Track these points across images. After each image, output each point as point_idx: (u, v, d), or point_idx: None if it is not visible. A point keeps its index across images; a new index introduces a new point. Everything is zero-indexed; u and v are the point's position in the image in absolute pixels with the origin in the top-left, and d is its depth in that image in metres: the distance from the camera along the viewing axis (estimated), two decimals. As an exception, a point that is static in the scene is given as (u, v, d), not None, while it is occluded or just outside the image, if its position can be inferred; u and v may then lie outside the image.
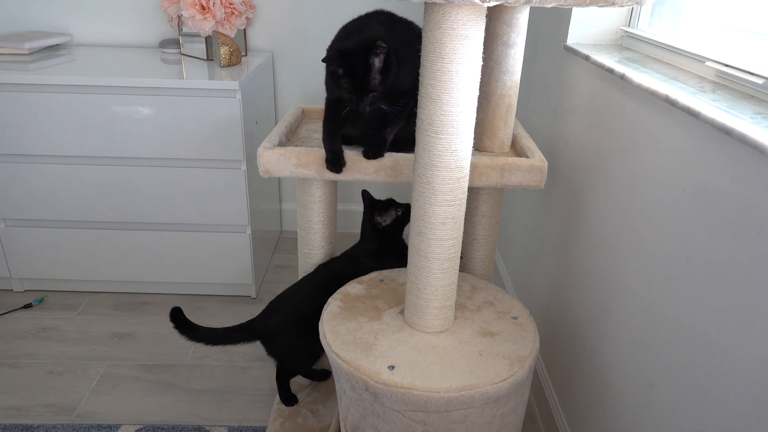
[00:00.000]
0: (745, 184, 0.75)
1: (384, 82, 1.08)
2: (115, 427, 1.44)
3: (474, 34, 0.87)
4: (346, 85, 1.08)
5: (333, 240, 1.39)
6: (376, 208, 1.40)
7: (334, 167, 1.19)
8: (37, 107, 1.69)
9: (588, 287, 1.25)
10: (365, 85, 1.07)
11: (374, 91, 1.07)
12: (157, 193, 1.81)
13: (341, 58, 1.06)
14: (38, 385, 1.58)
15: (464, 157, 0.95)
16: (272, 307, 1.37)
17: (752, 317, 0.73)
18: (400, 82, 1.12)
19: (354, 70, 1.06)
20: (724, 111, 0.81)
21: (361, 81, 1.06)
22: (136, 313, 1.90)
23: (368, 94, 1.07)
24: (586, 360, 1.25)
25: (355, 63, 1.06)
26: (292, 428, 1.37)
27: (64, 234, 1.87)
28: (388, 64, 1.07)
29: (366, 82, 1.06)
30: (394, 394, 0.94)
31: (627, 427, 1.05)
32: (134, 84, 1.67)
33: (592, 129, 1.27)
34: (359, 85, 1.07)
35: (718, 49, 1.03)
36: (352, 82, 1.07)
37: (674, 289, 0.91)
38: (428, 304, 1.05)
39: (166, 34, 2.12)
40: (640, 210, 1.03)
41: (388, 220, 1.38)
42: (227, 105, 1.70)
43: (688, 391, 0.86)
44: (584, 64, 1.32)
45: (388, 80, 1.08)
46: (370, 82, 1.06)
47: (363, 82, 1.06)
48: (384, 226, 1.39)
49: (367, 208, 1.41)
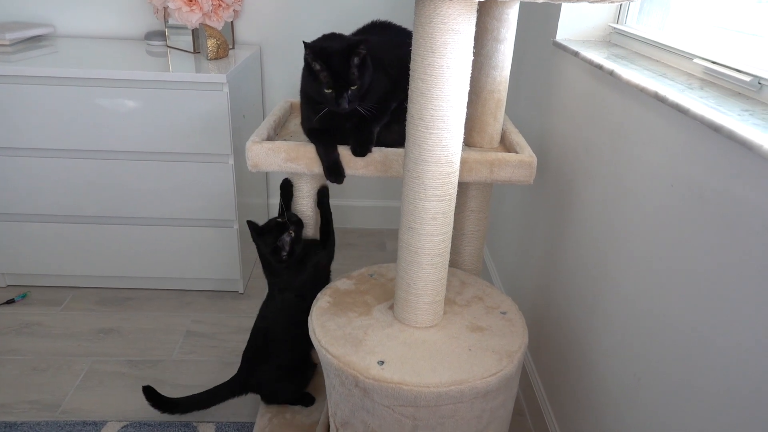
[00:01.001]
0: (732, 181, 0.75)
1: (362, 79, 1.09)
2: (101, 424, 1.43)
3: (465, 29, 0.87)
4: (325, 79, 1.08)
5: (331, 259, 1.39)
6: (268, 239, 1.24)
7: (336, 178, 1.19)
8: (19, 100, 1.66)
9: (576, 282, 1.26)
10: (345, 79, 1.08)
11: (354, 85, 1.08)
12: (143, 187, 1.78)
13: (322, 51, 1.08)
14: (22, 381, 1.56)
15: (454, 152, 0.95)
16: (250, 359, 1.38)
17: (738, 312, 0.74)
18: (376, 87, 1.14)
19: (333, 65, 1.07)
20: (712, 108, 0.82)
21: (341, 75, 1.07)
22: (121, 308, 1.88)
23: (348, 89, 1.08)
24: (574, 354, 1.26)
25: (335, 59, 1.07)
26: (280, 424, 1.36)
27: (47, 228, 1.84)
28: (365, 64, 1.09)
29: (346, 77, 1.08)
30: (383, 390, 0.94)
31: (613, 419, 1.06)
32: (119, 76, 1.65)
33: (580, 125, 1.27)
34: (339, 79, 1.08)
35: (706, 46, 1.04)
36: (332, 77, 1.08)
37: (661, 284, 0.92)
38: (418, 300, 1.05)
39: (152, 26, 2.09)
40: (628, 206, 1.04)
41: (287, 247, 1.23)
42: (214, 98, 1.68)
43: (675, 385, 0.87)
44: (573, 60, 1.33)
45: (365, 80, 1.10)
46: (350, 77, 1.08)
47: (344, 76, 1.07)
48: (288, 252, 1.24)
49: (260, 241, 1.25)
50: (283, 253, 1.23)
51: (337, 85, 1.08)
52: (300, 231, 1.27)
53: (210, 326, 1.82)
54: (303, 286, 1.28)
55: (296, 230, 1.25)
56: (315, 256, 1.29)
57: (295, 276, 1.28)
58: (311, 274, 1.29)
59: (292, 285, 1.29)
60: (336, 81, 1.08)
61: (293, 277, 1.28)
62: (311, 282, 1.27)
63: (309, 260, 1.28)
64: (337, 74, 1.08)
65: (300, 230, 1.27)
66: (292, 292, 1.29)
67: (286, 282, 1.29)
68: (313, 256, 1.29)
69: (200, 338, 1.76)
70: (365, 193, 2.45)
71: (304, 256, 1.27)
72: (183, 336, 1.77)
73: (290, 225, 1.24)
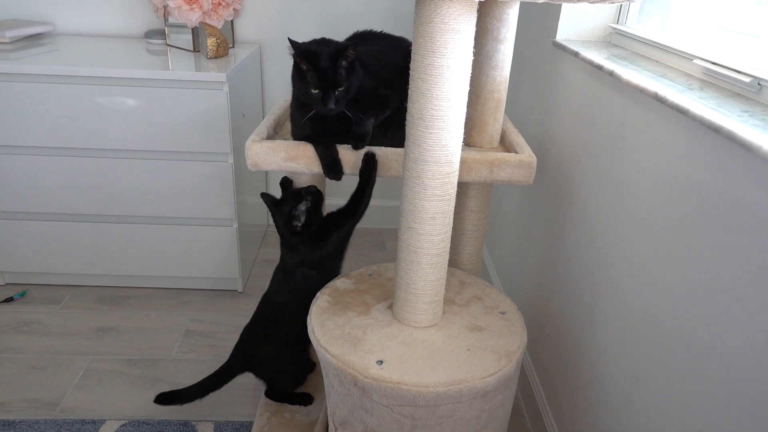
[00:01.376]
0: (732, 182, 0.76)
1: (349, 81, 1.10)
2: (100, 422, 1.43)
3: (465, 29, 0.87)
4: (312, 80, 1.09)
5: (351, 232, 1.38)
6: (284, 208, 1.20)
7: (335, 175, 1.18)
8: (19, 97, 1.66)
9: (575, 283, 1.26)
10: (333, 80, 1.09)
11: (341, 86, 1.09)
12: (142, 186, 1.78)
13: (308, 51, 1.09)
14: (20, 379, 1.56)
15: (454, 152, 0.95)
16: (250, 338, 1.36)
17: (737, 313, 0.74)
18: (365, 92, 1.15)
19: (320, 65, 1.08)
20: (712, 109, 0.82)
21: (328, 76, 1.08)
22: (120, 307, 1.88)
23: (335, 90, 1.09)
24: (572, 354, 1.26)
25: (323, 59, 1.08)
26: (279, 423, 1.36)
27: (46, 227, 1.84)
28: (353, 68, 1.10)
29: (334, 78, 1.08)
30: (382, 389, 0.94)
31: (612, 420, 1.06)
32: (119, 75, 1.65)
33: (580, 125, 1.27)
34: (326, 79, 1.08)
35: (706, 47, 1.04)
36: (319, 77, 1.08)
37: (660, 284, 0.92)
38: (417, 299, 1.05)
39: (152, 25, 2.09)
40: (627, 206, 1.04)
41: (303, 216, 1.18)
42: (214, 97, 1.68)
43: (673, 386, 0.87)
44: (573, 61, 1.33)
45: (352, 83, 1.11)
46: (337, 78, 1.09)
47: (331, 76, 1.08)
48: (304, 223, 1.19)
49: (276, 212, 1.22)
50: (296, 223, 1.17)
51: (323, 85, 1.09)
52: (319, 202, 1.21)
53: (209, 325, 1.82)
54: (322, 262, 1.24)
55: (314, 200, 1.19)
56: (338, 228, 1.22)
57: (312, 250, 1.22)
58: (333, 247, 1.23)
59: (308, 260, 1.24)
60: (323, 81, 1.09)
61: (311, 251, 1.22)
62: (331, 257, 1.24)
63: (330, 234, 1.21)
64: (324, 74, 1.08)
65: (319, 201, 1.22)
66: (311, 268, 1.24)
67: (302, 257, 1.23)
68: (334, 230, 1.22)
69: (199, 337, 1.76)
70: (365, 192, 2.45)
71: (324, 230, 1.21)
72: (182, 335, 1.77)
73: (307, 195, 1.19)
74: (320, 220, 1.22)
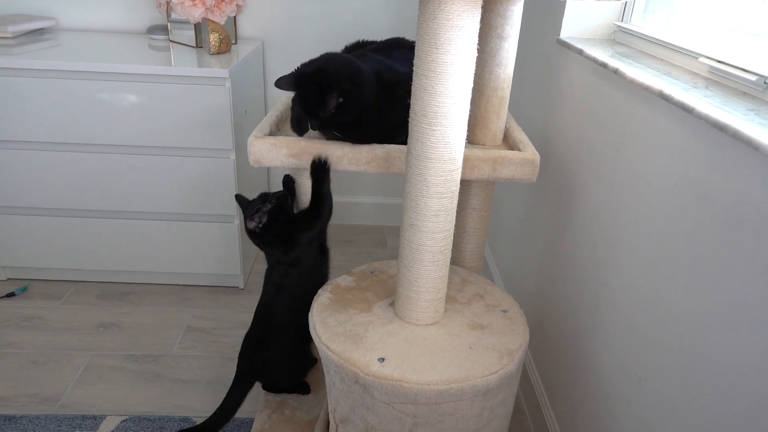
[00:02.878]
0: (738, 181, 0.75)
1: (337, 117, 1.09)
2: (100, 418, 1.43)
3: (469, 25, 0.87)
4: (300, 103, 1.11)
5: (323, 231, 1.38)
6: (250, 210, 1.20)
7: (297, 129, 1.21)
8: (21, 92, 1.66)
9: (577, 281, 1.26)
10: (315, 111, 1.09)
11: (320, 120, 1.10)
12: (144, 181, 1.78)
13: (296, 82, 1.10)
14: (21, 374, 1.56)
15: (457, 149, 0.95)
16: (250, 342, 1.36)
17: (742, 312, 0.73)
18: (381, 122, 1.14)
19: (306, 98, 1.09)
20: (717, 107, 0.81)
21: (311, 107, 1.09)
22: (121, 302, 1.88)
23: (316, 119, 1.10)
24: (575, 353, 1.25)
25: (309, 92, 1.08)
26: (279, 420, 1.36)
27: (48, 222, 1.84)
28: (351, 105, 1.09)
29: (315, 110, 1.09)
30: (384, 387, 0.94)
31: (615, 420, 1.06)
32: (121, 70, 1.64)
33: (584, 123, 1.27)
34: (309, 110, 1.10)
35: (711, 45, 1.04)
36: (304, 106, 1.10)
37: (664, 283, 0.92)
38: (419, 297, 1.04)
39: (155, 20, 2.09)
40: (631, 204, 1.04)
41: (264, 218, 1.18)
42: (216, 93, 1.67)
43: (677, 385, 0.87)
44: (577, 59, 1.32)
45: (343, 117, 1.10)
46: (318, 113, 1.08)
47: (313, 108, 1.09)
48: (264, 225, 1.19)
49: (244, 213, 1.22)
50: (253, 224, 1.16)
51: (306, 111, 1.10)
52: (285, 204, 1.21)
53: (210, 321, 1.82)
54: (298, 261, 1.23)
55: (278, 203, 1.18)
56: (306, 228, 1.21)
57: (284, 251, 1.22)
58: (307, 247, 1.22)
59: (284, 260, 1.24)
60: (305, 108, 1.10)
61: (283, 251, 1.22)
62: (308, 255, 1.23)
63: (296, 234, 1.21)
64: (305, 102, 1.09)
65: (285, 203, 1.21)
66: (290, 266, 1.24)
67: (278, 257, 1.24)
68: (301, 229, 1.21)
69: (200, 333, 1.76)
70: (367, 189, 2.45)
71: (291, 230, 1.20)
72: (183, 331, 1.77)
73: (272, 197, 1.18)
74: (287, 221, 1.21)
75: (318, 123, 1.11)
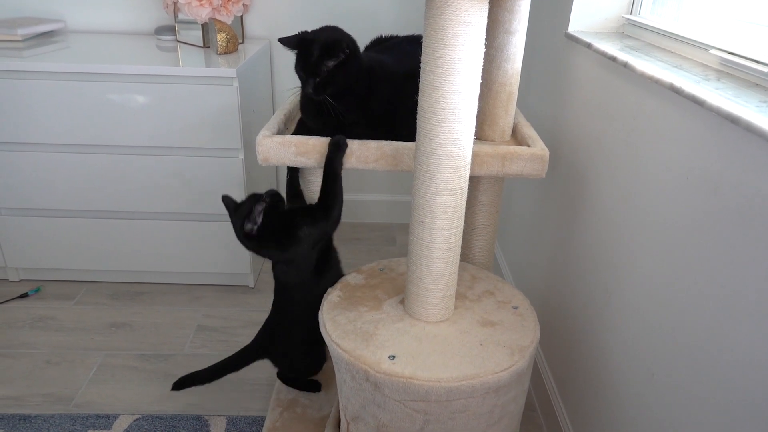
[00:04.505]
0: (751, 174, 0.74)
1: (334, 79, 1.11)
2: (114, 417, 1.44)
3: (476, 20, 0.86)
4: (298, 61, 1.14)
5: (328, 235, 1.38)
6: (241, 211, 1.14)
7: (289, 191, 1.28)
8: (31, 95, 1.67)
9: (588, 277, 1.25)
10: (314, 68, 1.11)
11: (318, 77, 1.11)
12: (153, 181, 1.79)
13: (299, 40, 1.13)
14: (35, 374, 1.57)
15: (466, 146, 0.94)
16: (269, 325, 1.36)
17: (755, 308, 0.72)
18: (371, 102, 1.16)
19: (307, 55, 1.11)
20: (729, 99, 0.80)
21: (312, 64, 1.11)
22: (133, 302, 1.90)
23: (314, 77, 1.12)
24: (586, 349, 1.25)
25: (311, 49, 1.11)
26: (291, 418, 1.37)
27: (59, 223, 1.85)
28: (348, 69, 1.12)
29: (315, 67, 1.11)
30: (394, 384, 0.94)
31: (626, 416, 1.05)
32: (129, 71, 1.65)
33: (594, 118, 1.26)
34: (309, 67, 1.12)
35: (722, 36, 1.02)
36: (304, 64, 1.12)
37: (676, 277, 0.91)
38: (429, 294, 1.04)
39: (162, 21, 2.09)
40: (642, 199, 1.03)
41: (260, 218, 1.12)
42: (224, 93, 1.68)
43: (689, 381, 0.86)
44: (586, 52, 1.31)
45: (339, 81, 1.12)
46: (318, 69, 1.11)
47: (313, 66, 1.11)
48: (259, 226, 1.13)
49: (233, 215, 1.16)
50: (250, 225, 1.11)
51: (304, 70, 1.12)
52: (279, 204, 1.16)
53: (221, 320, 1.82)
54: (298, 260, 1.17)
55: (272, 201, 1.14)
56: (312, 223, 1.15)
57: (281, 249, 1.16)
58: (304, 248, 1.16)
59: (280, 258, 1.19)
60: (304, 66, 1.12)
61: (280, 250, 1.16)
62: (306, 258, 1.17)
63: (297, 228, 1.14)
64: (305, 60, 1.11)
65: (279, 203, 1.17)
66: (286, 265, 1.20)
67: (275, 256, 1.19)
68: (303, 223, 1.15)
69: (211, 332, 1.77)
70: (375, 187, 2.44)
71: (288, 225, 1.15)
72: (194, 330, 1.78)
73: (266, 197, 1.14)
74: (285, 215, 1.16)
75: (314, 84, 1.12)
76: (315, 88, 1.12)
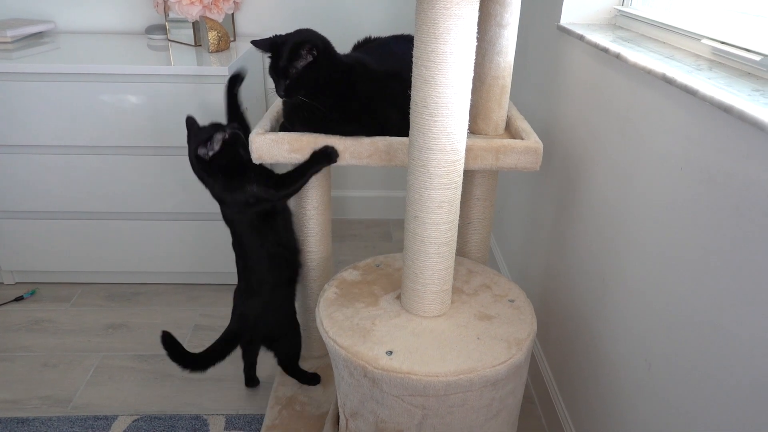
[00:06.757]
0: (744, 162, 0.74)
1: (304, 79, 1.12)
2: (112, 418, 1.44)
3: (468, 14, 0.86)
4: (271, 65, 1.15)
5: (327, 225, 1.38)
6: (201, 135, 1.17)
7: None
8: (22, 96, 1.66)
9: (584, 268, 1.25)
10: (285, 69, 1.12)
11: (288, 79, 1.12)
12: (147, 181, 1.78)
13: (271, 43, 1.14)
14: (33, 377, 1.57)
15: (459, 140, 0.94)
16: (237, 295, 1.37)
17: (750, 297, 0.73)
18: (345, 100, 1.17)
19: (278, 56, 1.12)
20: (721, 88, 0.80)
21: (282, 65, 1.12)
22: (129, 303, 1.89)
23: (285, 80, 1.13)
24: (583, 341, 1.25)
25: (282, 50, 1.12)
26: (290, 415, 1.37)
27: (54, 225, 1.84)
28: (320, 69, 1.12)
29: (285, 68, 1.12)
30: (392, 379, 0.94)
31: (624, 405, 1.06)
32: (121, 71, 1.64)
33: (587, 109, 1.26)
34: (280, 69, 1.13)
35: (714, 26, 1.02)
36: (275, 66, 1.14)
37: (671, 268, 0.91)
38: (425, 289, 1.04)
39: (152, 20, 2.08)
40: (636, 190, 1.03)
41: (217, 146, 1.15)
42: (216, 91, 1.67)
43: (686, 371, 0.86)
44: (578, 44, 1.31)
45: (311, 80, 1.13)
46: (289, 70, 1.12)
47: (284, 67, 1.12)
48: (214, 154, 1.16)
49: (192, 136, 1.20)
50: (204, 149, 1.15)
51: (274, 73, 1.14)
52: (238, 138, 1.19)
53: (218, 320, 1.82)
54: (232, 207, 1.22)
55: (233, 135, 1.16)
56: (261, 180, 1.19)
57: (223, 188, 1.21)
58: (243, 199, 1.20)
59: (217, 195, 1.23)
60: (274, 70, 1.14)
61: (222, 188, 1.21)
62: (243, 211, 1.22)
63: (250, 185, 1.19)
64: (276, 63, 1.13)
65: (238, 138, 1.19)
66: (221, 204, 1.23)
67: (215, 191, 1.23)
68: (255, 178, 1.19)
69: (208, 332, 1.76)
70: (371, 183, 2.44)
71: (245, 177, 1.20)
72: (191, 330, 1.77)
73: (228, 128, 1.17)
74: (240, 162, 1.20)
75: (286, 85, 1.13)
76: (285, 89, 1.13)
